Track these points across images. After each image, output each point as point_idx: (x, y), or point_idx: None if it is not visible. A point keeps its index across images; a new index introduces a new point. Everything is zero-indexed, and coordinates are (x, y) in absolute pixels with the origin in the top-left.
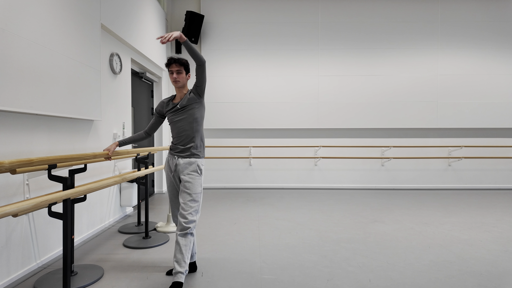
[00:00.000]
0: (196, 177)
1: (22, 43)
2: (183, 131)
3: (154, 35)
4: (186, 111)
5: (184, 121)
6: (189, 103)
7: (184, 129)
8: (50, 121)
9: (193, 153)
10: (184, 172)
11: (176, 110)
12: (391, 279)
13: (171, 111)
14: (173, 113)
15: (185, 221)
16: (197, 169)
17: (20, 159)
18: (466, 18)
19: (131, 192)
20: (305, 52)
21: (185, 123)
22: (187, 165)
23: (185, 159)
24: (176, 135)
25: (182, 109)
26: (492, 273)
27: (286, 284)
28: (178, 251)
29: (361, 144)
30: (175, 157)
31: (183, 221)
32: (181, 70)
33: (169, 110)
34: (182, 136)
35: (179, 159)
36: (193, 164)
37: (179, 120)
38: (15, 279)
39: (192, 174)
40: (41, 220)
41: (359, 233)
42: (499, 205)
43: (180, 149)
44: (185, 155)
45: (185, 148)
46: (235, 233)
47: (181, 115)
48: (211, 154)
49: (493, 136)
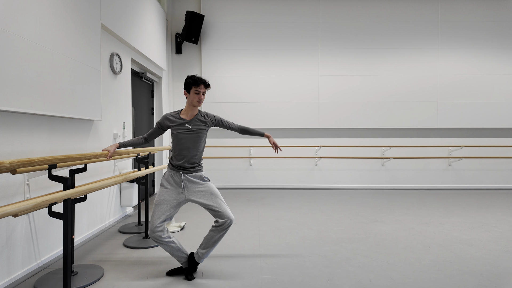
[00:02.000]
0: (208, 182)
1: (22, 43)
2: (186, 149)
3: (154, 35)
4: (196, 131)
5: (191, 140)
6: (200, 127)
7: (188, 146)
8: (51, 121)
9: (198, 170)
10: (196, 185)
11: (187, 130)
12: (391, 279)
13: (179, 128)
14: (182, 130)
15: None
16: (204, 177)
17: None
18: (466, 18)
19: (131, 192)
20: (305, 52)
21: (191, 141)
22: (195, 178)
23: (191, 174)
24: (180, 152)
25: (194, 129)
26: (493, 273)
27: (286, 284)
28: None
29: (361, 144)
30: (180, 173)
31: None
32: (205, 92)
33: (176, 125)
34: (186, 153)
35: (185, 175)
36: (200, 177)
37: (186, 137)
38: (15, 279)
39: (204, 182)
40: (42, 220)
41: (359, 233)
42: (499, 205)
43: (185, 167)
44: (190, 171)
45: (190, 167)
46: (235, 233)
47: (189, 133)
48: (212, 154)
49: (494, 136)
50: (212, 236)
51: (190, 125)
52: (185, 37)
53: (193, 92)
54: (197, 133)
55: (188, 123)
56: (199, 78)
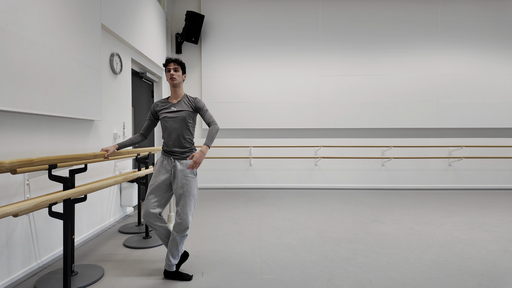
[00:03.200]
0: (192, 179)
1: (22, 43)
2: (175, 131)
3: (154, 35)
4: (181, 112)
5: (177, 122)
6: (184, 109)
7: (176, 128)
8: (51, 121)
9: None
10: (181, 174)
11: (172, 112)
12: (391, 279)
13: (165, 111)
14: (168, 113)
15: (187, 221)
16: (194, 170)
17: (21, 159)
18: (466, 18)
19: (131, 192)
20: (305, 52)
21: (178, 123)
22: (185, 167)
23: (183, 161)
24: (169, 136)
25: (178, 110)
26: (493, 273)
27: (287, 284)
28: (175, 248)
29: (361, 144)
30: (171, 158)
31: (185, 222)
32: (178, 68)
33: (163, 108)
34: (174, 137)
35: (176, 161)
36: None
37: (172, 120)
38: (15, 279)
39: (189, 176)
40: (42, 220)
41: (360, 233)
42: (499, 205)
43: (176, 152)
44: (181, 157)
45: (181, 151)
46: (235, 233)
47: (174, 115)
48: (212, 154)
49: (494, 136)
50: (173, 239)
51: (175, 107)
52: (185, 37)
53: (166, 72)
54: (182, 114)
55: (173, 106)
56: (168, 57)
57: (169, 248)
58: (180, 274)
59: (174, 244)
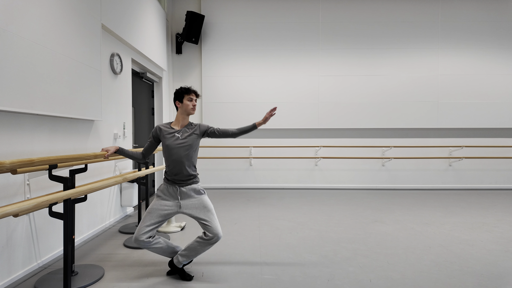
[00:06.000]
0: (203, 195)
1: (23, 43)
2: (179, 160)
3: (154, 35)
4: (185, 141)
5: (181, 150)
6: (190, 135)
7: (180, 156)
8: (51, 121)
9: (194, 182)
10: (190, 198)
11: (177, 139)
12: (391, 279)
13: (169, 137)
14: (173, 140)
15: (219, 233)
16: (200, 190)
17: (21, 159)
18: (466, 18)
19: (131, 192)
20: (305, 52)
21: (182, 151)
22: (191, 191)
23: (187, 187)
24: (173, 164)
25: (184, 137)
26: (493, 274)
27: (287, 284)
28: (195, 254)
29: (361, 144)
30: (176, 186)
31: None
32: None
33: (167, 134)
34: (178, 165)
35: (181, 187)
36: (195, 190)
37: (176, 147)
38: (16, 279)
39: (200, 194)
40: (42, 220)
41: (360, 233)
42: (499, 205)
43: (181, 180)
44: (186, 184)
45: (185, 179)
46: (235, 233)
47: (179, 143)
48: (212, 154)
49: (494, 136)
50: (195, 248)
51: (180, 134)
52: (185, 37)
53: (186, 99)
54: (187, 142)
55: (178, 132)
56: (190, 87)
57: (188, 250)
58: (183, 272)
59: (197, 251)
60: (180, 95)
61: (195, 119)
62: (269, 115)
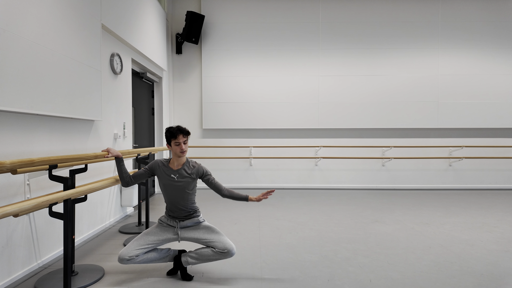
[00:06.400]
0: (203, 221)
1: (23, 43)
2: (175, 200)
3: (154, 35)
4: (180, 183)
5: (177, 191)
6: (185, 178)
7: (176, 197)
8: (51, 121)
9: (194, 216)
10: (191, 227)
11: (172, 180)
12: (391, 279)
13: (165, 177)
14: (168, 180)
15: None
16: (200, 219)
17: (21, 159)
18: (466, 18)
19: (131, 192)
20: (305, 52)
21: (178, 192)
22: (191, 223)
23: (187, 220)
24: (170, 203)
25: (179, 180)
26: (493, 274)
27: (287, 284)
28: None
29: (361, 144)
30: (176, 220)
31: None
32: (186, 140)
33: (163, 172)
34: (176, 205)
35: (180, 222)
36: (195, 221)
37: (172, 188)
38: (16, 279)
39: (200, 221)
40: (42, 220)
41: (360, 233)
42: (500, 205)
43: (178, 215)
44: (186, 218)
45: (184, 215)
46: (235, 233)
47: (174, 185)
48: (212, 154)
49: (494, 136)
50: (209, 256)
51: (176, 176)
52: (185, 37)
53: (174, 144)
54: (182, 185)
55: (174, 173)
56: (176, 128)
57: (200, 255)
58: (185, 272)
59: (208, 258)
60: (168, 140)
61: (195, 118)
62: (263, 197)
